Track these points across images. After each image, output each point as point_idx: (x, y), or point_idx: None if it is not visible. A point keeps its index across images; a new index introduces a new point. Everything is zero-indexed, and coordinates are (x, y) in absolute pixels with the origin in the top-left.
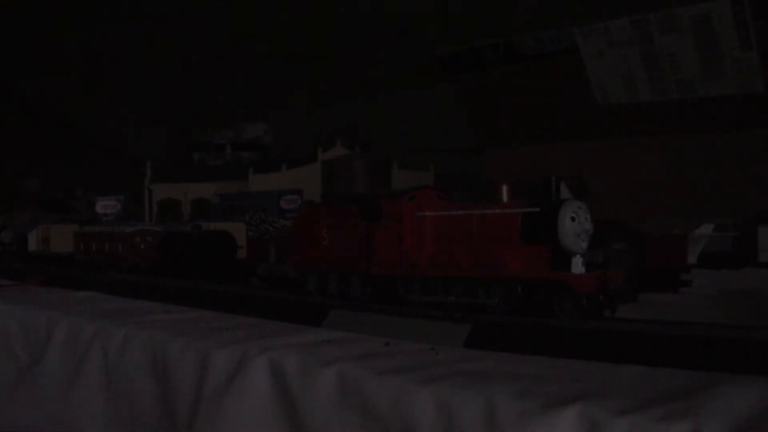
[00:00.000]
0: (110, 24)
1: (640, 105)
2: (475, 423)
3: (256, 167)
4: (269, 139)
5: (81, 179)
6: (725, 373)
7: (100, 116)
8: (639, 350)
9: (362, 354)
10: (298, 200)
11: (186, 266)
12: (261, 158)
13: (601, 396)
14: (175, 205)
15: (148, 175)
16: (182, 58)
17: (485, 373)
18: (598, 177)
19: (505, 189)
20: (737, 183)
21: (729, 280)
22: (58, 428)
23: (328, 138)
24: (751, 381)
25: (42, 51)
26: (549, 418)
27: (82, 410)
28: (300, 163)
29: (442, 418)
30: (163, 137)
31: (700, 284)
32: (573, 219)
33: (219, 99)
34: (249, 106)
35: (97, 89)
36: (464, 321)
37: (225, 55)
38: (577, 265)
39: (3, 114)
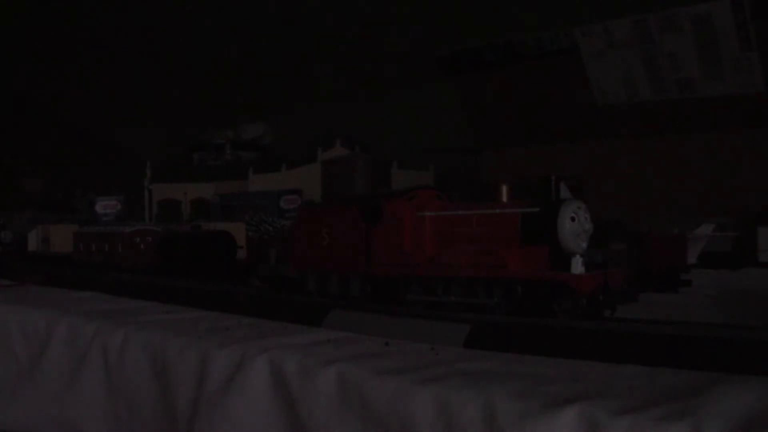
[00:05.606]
0: (110, 24)
1: (640, 105)
2: (474, 423)
3: (256, 167)
4: (269, 139)
5: (81, 179)
6: (725, 373)
7: (100, 116)
8: (639, 350)
9: (362, 354)
10: (298, 200)
11: (186, 266)
12: (261, 158)
13: (601, 396)
14: (175, 205)
15: (148, 175)
16: (182, 58)
17: (485, 373)
18: (598, 177)
19: (505, 189)
20: (737, 183)
21: (729, 280)
22: (58, 428)
23: (328, 138)
24: (751, 381)
25: (41, 51)
26: (549, 418)
27: (82, 410)
28: (300, 163)
29: (442, 418)
30: (163, 137)
31: (700, 284)
32: (573, 219)
33: (219, 99)
34: (249, 106)
35: (97, 89)
36: (464, 321)
37: (225, 55)
38: (577, 265)
39: (3, 114)
